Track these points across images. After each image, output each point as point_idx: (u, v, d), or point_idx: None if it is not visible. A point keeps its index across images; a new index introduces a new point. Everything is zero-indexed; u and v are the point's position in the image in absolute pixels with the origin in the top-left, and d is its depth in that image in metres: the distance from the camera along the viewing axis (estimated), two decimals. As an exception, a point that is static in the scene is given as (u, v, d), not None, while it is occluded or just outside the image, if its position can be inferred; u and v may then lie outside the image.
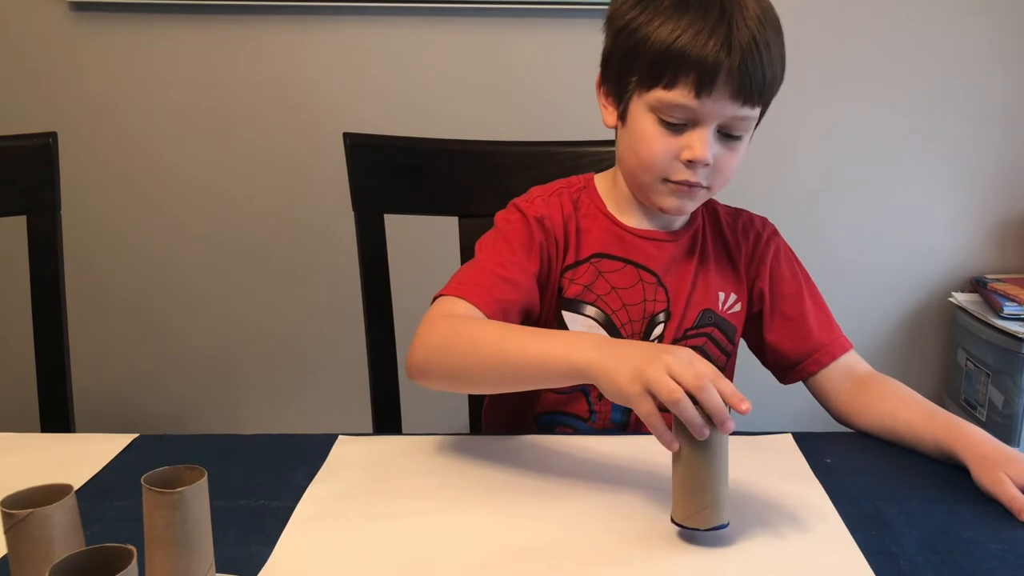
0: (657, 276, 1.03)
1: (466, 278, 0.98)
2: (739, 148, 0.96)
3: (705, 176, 0.96)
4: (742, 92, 0.90)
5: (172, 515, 0.58)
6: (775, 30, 0.93)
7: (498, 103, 1.92)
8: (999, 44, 1.92)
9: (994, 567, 0.72)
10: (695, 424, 0.71)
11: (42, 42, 1.90)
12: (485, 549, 0.74)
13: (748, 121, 0.94)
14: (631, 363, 0.75)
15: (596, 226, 1.04)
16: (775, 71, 0.93)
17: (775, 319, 1.06)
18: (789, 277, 1.07)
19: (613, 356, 0.77)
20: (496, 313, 0.94)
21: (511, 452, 0.92)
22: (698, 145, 0.93)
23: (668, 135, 0.94)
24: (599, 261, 1.03)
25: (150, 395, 2.08)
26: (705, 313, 1.04)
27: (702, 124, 0.93)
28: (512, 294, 0.97)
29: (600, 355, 0.78)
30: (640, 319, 1.02)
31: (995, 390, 1.85)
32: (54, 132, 1.20)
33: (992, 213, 2.01)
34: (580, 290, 1.02)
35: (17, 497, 0.59)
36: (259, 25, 1.90)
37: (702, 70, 0.89)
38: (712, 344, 1.04)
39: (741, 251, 1.07)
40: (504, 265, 0.98)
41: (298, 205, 1.98)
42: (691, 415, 0.71)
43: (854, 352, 1.05)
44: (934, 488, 0.85)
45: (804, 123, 1.95)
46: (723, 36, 0.89)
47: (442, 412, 1.40)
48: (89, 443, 0.94)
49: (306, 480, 0.86)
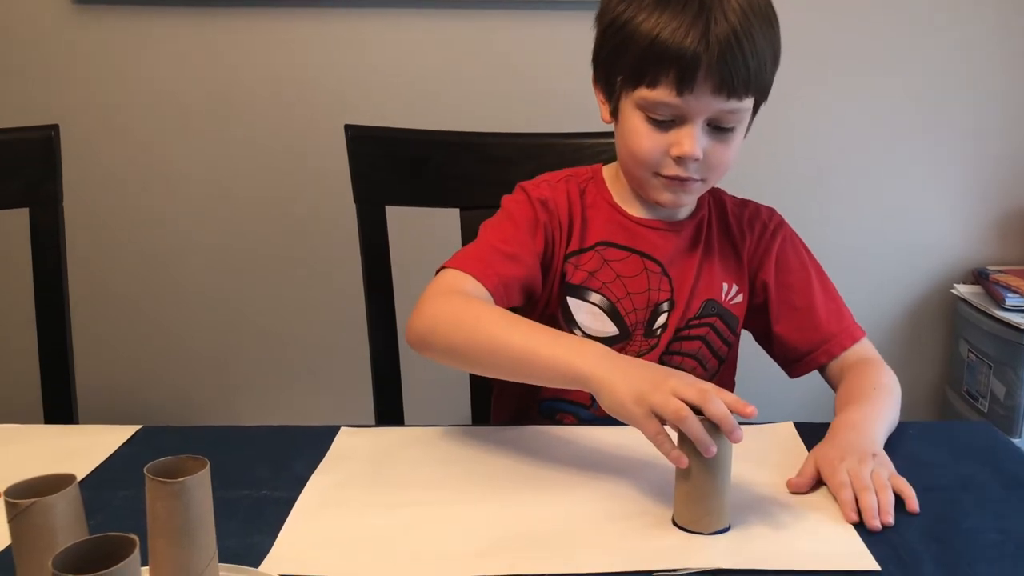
0: (662, 265, 1.03)
1: (471, 252, 0.99)
2: (732, 140, 0.95)
3: (696, 170, 0.95)
4: (724, 87, 0.89)
5: (175, 504, 0.58)
6: (762, 19, 0.91)
7: (500, 95, 1.92)
8: (1001, 36, 1.91)
9: (994, 556, 0.72)
10: (703, 441, 0.72)
11: (44, 35, 1.90)
12: (487, 539, 0.74)
13: (738, 113, 0.93)
14: (636, 385, 0.76)
15: (602, 215, 1.04)
16: (762, 62, 0.91)
17: (783, 310, 1.05)
18: (796, 267, 1.06)
19: (618, 373, 0.78)
20: (498, 287, 0.96)
21: (512, 442, 0.93)
22: (686, 142, 0.93)
23: (656, 132, 0.94)
24: (604, 249, 1.03)
25: (153, 387, 2.09)
26: (708, 303, 1.04)
27: (689, 120, 0.92)
28: (515, 270, 0.98)
29: (606, 369, 0.79)
30: (644, 307, 1.03)
31: (997, 382, 1.85)
32: (56, 125, 1.20)
33: (994, 205, 2.01)
34: (585, 276, 1.03)
35: (20, 487, 0.59)
36: (260, 18, 1.90)
37: (681, 67, 0.89)
38: (714, 333, 1.05)
39: (745, 242, 1.07)
40: (507, 242, 0.99)
41: (300, 197, 1.98)
42: (698, 432, 0.72)
43: (866, 341, 1.04)
44: (934, 477, 0.85)
45: (805, 115, 1.94)
46: (701, 31, 0.88)
47: (444, 404, 1.40)
48: (92, 434, 0.95)
49: (308, 471, 0.86)
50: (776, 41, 0.94)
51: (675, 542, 0.74)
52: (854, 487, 0.79)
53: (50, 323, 1.21)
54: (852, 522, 0.76)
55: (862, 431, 0.88)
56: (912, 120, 1.96)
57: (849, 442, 0.86)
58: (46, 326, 1.21)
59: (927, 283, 2.05)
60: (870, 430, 0.89)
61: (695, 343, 1.05)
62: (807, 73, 1.90)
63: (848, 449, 0.84)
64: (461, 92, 1.93)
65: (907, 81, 1.94)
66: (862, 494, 0.78)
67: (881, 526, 0.75)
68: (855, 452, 0.83)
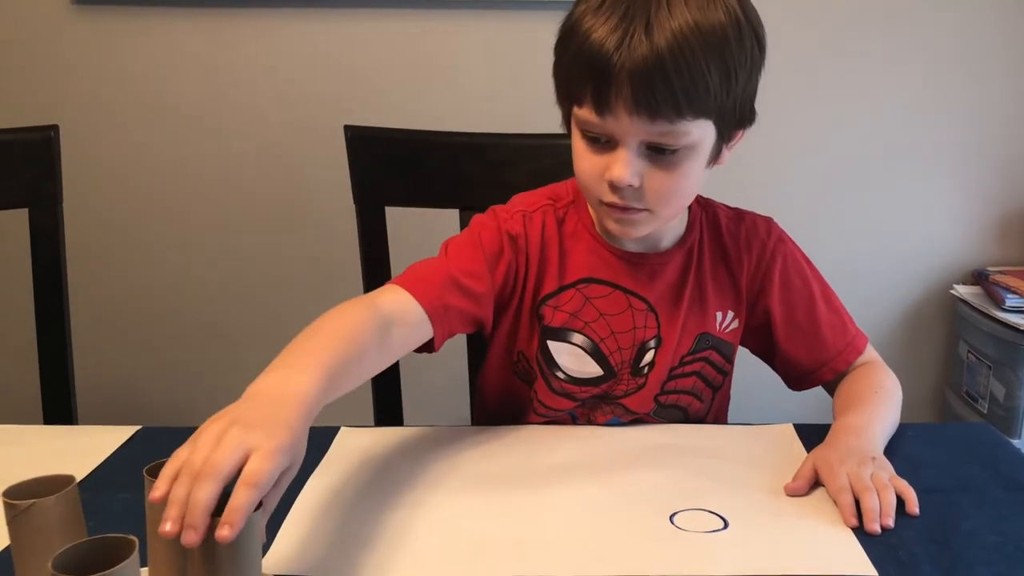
0: (647, 302, 0.98)
1: (423, 273, 0.93)
2: (677, 168, 0.85)
3: (636, 199, 0.86)
4: (645, 108, 0.80)
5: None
6: (706, 36, 0.80)
7: (500, 95, 1.92)
8: (1000, 37, 1.91)
9: (993, 558, 0.72)
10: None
11: (44, 35, 1.90)
12: (486, 539, 0.74)
13: (675, 137, 0.83)
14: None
15: (582, 247, 0.98)
16: (699, 81, 0.80)
17: (787, 330, 1.01)
18: (799, 285, 1.01)
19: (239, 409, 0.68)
20: (438, 311, 0.90)
21: (512, 443, 0.93)
22: (615, 166, 0.84)
23: (593, 154, 0.87)
24: (586, 287, 0.98)
25: (152, 388, 2.09)
26: (702, 337, 1.00)
27: (620, 143, 0.84)
28: (463, 303, 0.93)
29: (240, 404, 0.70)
30: (630, 346, 0.98)
31: (996, 383, 1.85)
32: (55, 125, 1.20)
33: (993, 205, 2.01)
34: (566, 318, 0.98)
35: (19, 488, 0.60)
36: (260, 18, 1.90)
37: (596, 85, 0.82)
38: (709, 366, 1.01)
39: (743, 265, 1.00)
40: (466, 274, 0.94)
41: (299, 197, 1.98)
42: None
43: (869, 349, 1.02)
44: (933, 479, 0.85)
45: (805, 117, 1.94)
46: (615, 46, 0.80)
47: (443, 404, 1.40)
48: (91, 435, 0.94)
49: (308, 471, 0.86)
50: (733, 59, 0.83)
51: (673, 545, 0.74)
52: (855, 489, 0.79)
53: (49, 323, 1.21)
54: (851, 526, 0.76)
55: (862, 435, 0.87)
56: (912, 121, 1.96)
57: (849, 446, 0.85)
58: (45, 326, 1.21)
59: (926, 284, 2.05)
60: (870, 434, 0.88)
61: (690, 379, 1.01)
62: (808, 74, 1.90)
63: (848, 453, 0.83)
64: (461, 92, 1.93)
65: (907, 82, 1.94)
66: (863, 495, 0.78)
67: (881, 530, 0.75)
68: (855, 455, 0.83)
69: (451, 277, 0.93)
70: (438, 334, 0.92)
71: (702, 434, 0.96)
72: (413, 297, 0.90)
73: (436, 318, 0.91)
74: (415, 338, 0.91)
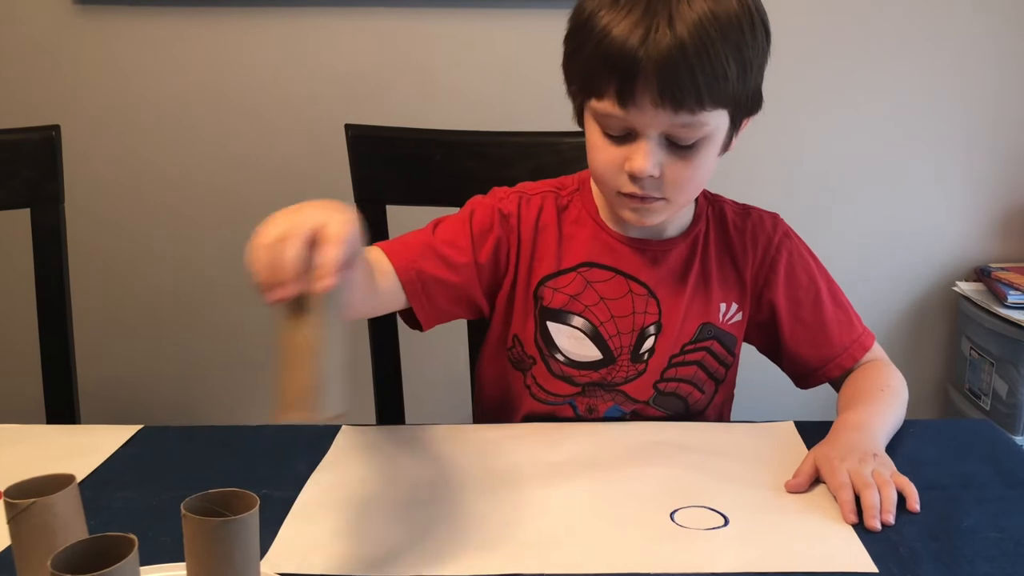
0: (648, 287, 0.99)
1: (407, 240, 0.97)
2: (695, 157, 0.88)
3: (656, 188, 0.88)
4: (670, 100, 0.82)
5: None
6: (724, 27, 0.82)
7: (500, 95, 1.92)
8: (1001, 33, 1.91)
9: (994, 555, 0.72)
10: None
11: (46, 35, 1.90)
12: (486, 538, 0.75)
13: (695, 128, 0.85)
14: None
15: (584, 232, 1.00)
16: (719, 72, 0.82)
17: (792, 326, 1.01)
18: (805, 281, 1.01)
19: None
20: (412, 281, 0.94)
21: (513, 441, 0.93)
22: (637, 158, 0.86)
23: (612, 146, 0.88)
24: (587, 270, 0.99)
25: (155, 387, 2.09)
26: (705, 327, 1.00)
27: (641, 135, 0.86)
28: (442, 272, 0.95)
29: None
30: (629, 331, 0.99)
31: (999, 379, 1.85)
32: (57, 125, 1.21)
33: (996, 202, 2.00)
34: (566, 300, 0.99)
35: (20, 487, 0.60)
36: (260, 18, 1.90)
37: (621, 78, 0.83)
38: (711, 357, 1.02)
39: (748, 258, 1.01)
40: (449, 244, 0.96)
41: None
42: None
43: (876, 347, 1.02)
44: (934, 475, 0.85)
45: (809, 114, 1.94)
46: (640, 39, 0.81)
47: (445, 402, 1.40)
48: (93, 434, 0.95)
49: (309, 470, 0.86)
50: (748, 49, 0.85)
51: (674, 543, 0.74)
52: (855, 486, 0.79)
53: (52, 323, 1.21)
54: (851, 523, 0.76)
55: (864, 431, 0.87)
56: (914, 117, 1.96)
57: (850, 442, 0.85)
58: (48, 326, 1.21)
59: (929, 280, 2.05)
60: (872, 431, 0.88)
61: (691, 368, 1.01)
62: (811, 70, 1.90)
63: (849, 449, 0.83)
64: (461, 92, 1.92)
65: (910, 79, 1.94)
66: (864, 491, 0.78)
67: (881, 526, 0.75)
68: (856, 452, 0.83)
69: (429, 245, 0.96)
70: (416, 305, 0.94)
71: (702, 432, 0.96)
72: (388, 258, 0.93)
73: (407, 281, 0.93)
74: (392, 295, 0.94)
